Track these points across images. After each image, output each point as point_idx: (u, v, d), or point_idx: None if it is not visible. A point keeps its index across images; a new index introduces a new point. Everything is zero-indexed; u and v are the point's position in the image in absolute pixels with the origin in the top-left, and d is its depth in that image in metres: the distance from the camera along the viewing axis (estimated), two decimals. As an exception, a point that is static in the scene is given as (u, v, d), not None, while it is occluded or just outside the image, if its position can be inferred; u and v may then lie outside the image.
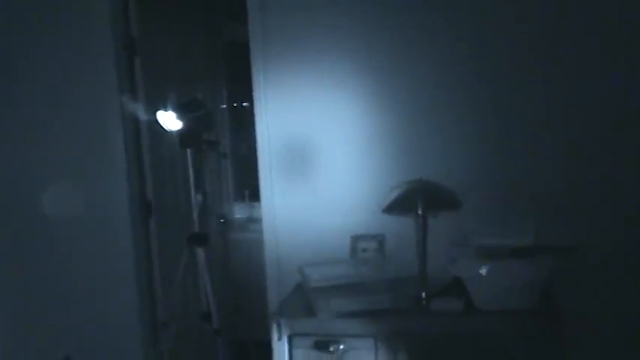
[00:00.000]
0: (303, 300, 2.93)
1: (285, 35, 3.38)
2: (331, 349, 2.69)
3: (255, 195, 4.99)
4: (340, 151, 3.38)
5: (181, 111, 3.27)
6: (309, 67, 3.37)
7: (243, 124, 5.18)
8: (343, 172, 3.38)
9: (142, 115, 3.70)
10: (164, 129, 3.30)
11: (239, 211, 5.24)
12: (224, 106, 5.08)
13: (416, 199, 2.81)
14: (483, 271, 2.63)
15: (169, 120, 3.24)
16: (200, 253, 3.41)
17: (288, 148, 3.45)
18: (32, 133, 3.72)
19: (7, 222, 3.80)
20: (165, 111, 3.27)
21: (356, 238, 3.28)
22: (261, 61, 3.41)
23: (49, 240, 3.78)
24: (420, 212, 2.80)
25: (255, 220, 4.98)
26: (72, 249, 3.77)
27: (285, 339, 2.73)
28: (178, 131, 3.29)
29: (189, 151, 3.38)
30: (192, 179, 3.41)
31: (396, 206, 2.85)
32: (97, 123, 3.64)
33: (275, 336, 2.74)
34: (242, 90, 5.06)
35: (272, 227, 3.49)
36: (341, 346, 2.69)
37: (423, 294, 2.82)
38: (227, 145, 5.18)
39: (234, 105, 5.24)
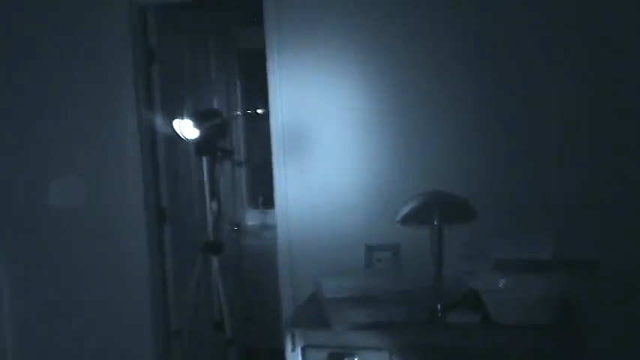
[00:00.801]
0: (318, 310, 2.92)
1: (299, 40, 3.39)
2: (346, 361, 2.68)
3: (268, 202, 4.99)
4: (357, 160, 3.36)
5: (198, 119, 3.28)
6: (324, 72, 3.37)
7: (257, 131, 5.18)
8: (359, 182, 3.36)
9: (159, 123, 3.70)
10: (180, 137, 3.31)
11: (252, 218, 5.23)
12: (238, 112, 5.08)
13: (432, 210, 2.79)
14: (501, 284, 2.61)
15: (186, 128, 3.24)
16: (214, 261, 3.40)
17: (303, 154, 3.44)
18: (50, 137, 3.74)
19: (22, 229, 3.81)
20: (182, 119, 3.27)
21: (371, 248, 3.26)
22: (277, 66, 3.41)
23: (62, 245, 3.78)
24: (435, 223, 2.79)
25: (268, 227, 4.97)
26: (86, 254, 3.77)
27: (299, 350, 2.71)
28: (194, 139, 3.30)
29: (204, 159, 3.38)
30: (207, 187, 3.41)
31: (412, 217, 2.83)
32: (114, 129, 3.65)
33: (289, 347, 2.72)
34: (255, 97, 5.05)
35: (286, 235, 3.48)
36: (355, 359, 2.66)
37: (439, 306, 2.80)
38: (241, 152, 5.18)
39: (248, 112, 5.24)
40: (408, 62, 3.26)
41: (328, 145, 3.41)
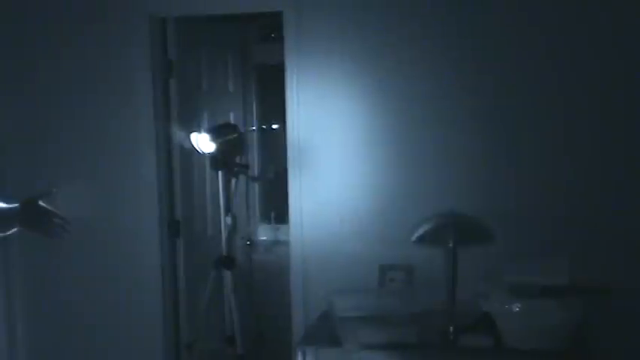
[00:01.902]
0: (329, 329, 2.91)
1: (317, 57, 3.40)
2: (356, 380, 2.66)
3: (280, 217, 4.99)
4: (373, 178, 3.36)
5: (215, 134, 3.29)
6: (341, 89, 3.37)
7: (270, 146, 5.18)
8: (374, 200, 3.36)
9: (176, 136, 3.71)
10: (196, 150, 3.32)
11: (264, 233, 5.23)
12: (254, 127, 5.10)
13: (447, 232, 2.79)
14: (516, 308, 2.59)
15: (203, 142, 3.25)
16: (227, 276, 3.40)
17: (318, 170, 3.44)
18: (66, 148, 3.75)
19: (34, 240, 3.79)
20: (199, 133, 3.29)
21: (384, 268, 3.25)
22: (295, 82, 3.42)
23: (74, 256, 3.78)
24: (450, 245, 2.78)
25: (280, 243, 4.96)
26: (98, 265, 3.77)
27: (309, 368, 2.71)
28: (210, 153, 3.31)
29: (220, 173, 3.39)
30: (222, 201, 3.41)
31: (427, 237, 2.82)
32: (131, 141, 3.65)
33: (299, 365, 2.72)
34: (270, 112, 5.07)
35: (299, 251, 3.48)
36: (366, 379, 2.66)
37: (451, 328, 2.78)
38: (256, 167, 5.18)
39: (264, 127, 5.27)
40: (427, 81, 3.27)
41: (343, 162, 3.41)
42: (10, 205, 2.14)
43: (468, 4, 3.19)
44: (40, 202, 2.15)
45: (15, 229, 2.14)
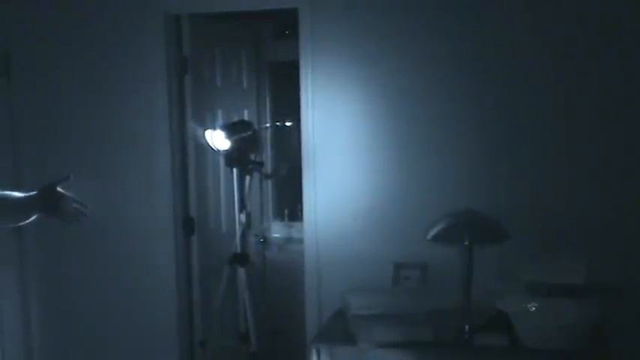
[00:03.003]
0: (344, 327, 2.90)
1: (332, 55, 3.39)
2: (371, 379, 2.66)
3: (293, 215, 4.99)
4: (387, 176, 3.35)
5: (230, 131, 3.29)
6: (355, 87, 3.36)
7: (283, 143, 5.18)
8: (388, 198, 3.35)
9: (191, 133, 3.71)
10: (211, 147, 3.32)
11: (277, 231, 5.23)
12: (268, 125, 5.09)
13: (462, 230, 2.77)
14: (532, 307, 2.57)
15: (218, 139, 3.25)
16: (241, 273, 3.40)
17: (332, 168, 3.43)
18: (81, 145, 3.76)
19: (49, 237, 3.81)
20: (214, 130, 3.29)
21: (399, 266, 3.24)
22: (310, 80, 3.42)
23: (88, 254, 3.80)
24: (466, 243, 2.76)
25: (293, 240, 4.96)
26: (112, 262, 3.78)
27: (324, 366, 2.70)
28: (225, 151, 3.31)
29: (234, 170, 3.38)
30: (236, 199, 3.41)
31: (443, 235, 2.81)
32: (145, 138, 3.66)
33: (314, 363, 2.72)
34: (284, 109, 5.06)
35: (314, 249, 3.47)
36: (380, 377, 2.65)
37: (466, 327, 2.77)
38: (269, 164, 5.18)
39: (277, 124, 5.27)
40: (441, 81, 3.26)
41: (357, 160, 3.40)
42: (29, 194, 2.15)
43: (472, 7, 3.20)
44: (58, 188, 2.15)
45: (34, 217, 2.14)
